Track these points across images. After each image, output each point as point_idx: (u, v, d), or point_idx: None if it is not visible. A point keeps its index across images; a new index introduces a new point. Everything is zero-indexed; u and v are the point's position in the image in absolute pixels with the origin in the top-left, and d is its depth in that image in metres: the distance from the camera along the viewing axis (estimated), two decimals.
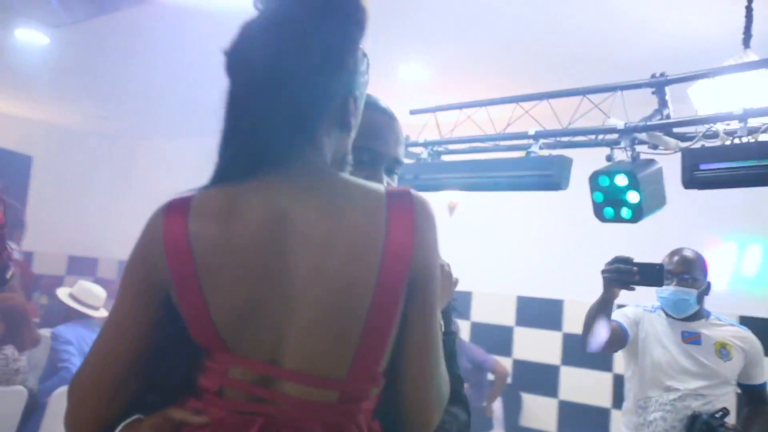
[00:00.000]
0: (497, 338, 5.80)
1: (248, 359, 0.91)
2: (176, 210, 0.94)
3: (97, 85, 5.88)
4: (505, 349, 5.75)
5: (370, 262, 0.92)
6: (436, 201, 6.03)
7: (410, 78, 5.04)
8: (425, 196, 1.00)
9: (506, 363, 5.52)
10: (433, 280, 0.97)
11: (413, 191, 0.98)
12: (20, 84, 5.95)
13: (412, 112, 3.94)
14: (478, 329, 5.98)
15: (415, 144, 3.75)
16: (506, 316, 5.83)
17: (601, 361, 5.08)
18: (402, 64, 4.87)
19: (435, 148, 3.79)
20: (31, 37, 4.84)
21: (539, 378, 5.53)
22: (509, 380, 5.39)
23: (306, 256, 0.91)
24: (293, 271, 0.91)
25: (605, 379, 5.18)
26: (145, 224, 0.96)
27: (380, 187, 0.98)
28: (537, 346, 5.59)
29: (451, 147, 3.80)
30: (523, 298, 5.74)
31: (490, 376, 5.20)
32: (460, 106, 3.72)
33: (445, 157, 3.82)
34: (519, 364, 5.68)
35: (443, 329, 1.15)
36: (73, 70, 5.49)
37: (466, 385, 5.05)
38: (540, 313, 5.59)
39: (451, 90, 5.02)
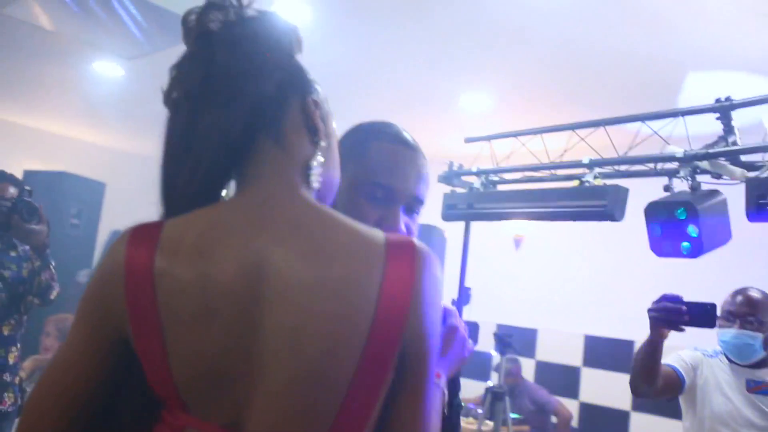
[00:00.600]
0: (563, 379, 5.53)
1: (206, 422, 0.80)
2: (143, 239, 0.83)
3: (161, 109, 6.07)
4: (571, 390, 5.47)
5: (357, 323, 0.79)
6: (501, 233, 5.92)
7: (471, 107, 4.96)
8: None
9: (572, 406, 5.24)
10: (431, 349, 0.84)
11: (418, 242, 0.86)
12: (96, 113, 6.24)
13: (468, 140, 3.84)
14: (542, 369, 5.73)
15: (468, 173, 3.65)
16: (573, 356, 5.56)
17: (676, 409, 4.73)
18: (463, 94, 4.81)
19: (489, 177, 3.67)
20: (107, 69, 5.08)
21: (607, 423, 5.21)
22: (574, 424, 5.11)
23: (283, 312, 0.78)
24: (267, 327, 0.78)
25: (680, 428, 4.83)
26: (108, 250, 0.86)
27: (378, 234, 0.85)
28: (605, 388, 5.28)
29: (507, 176, 3.67)
30: (592, 337, 5.46)
31: (554, 419, 4.95)
32: (516, 134, 3.59)
33: (501, 187, 3.69)
34: (586, 408, 5.38)
35: (447, 400, 1.05)
36: (148, 99, 5.69)
37: (526, 428, 4.85)
38: (609, 353, 5.29)
39: (513, 119, 4.90)
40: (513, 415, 4.35)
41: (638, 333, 5.23)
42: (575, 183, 3.10)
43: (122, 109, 5.86)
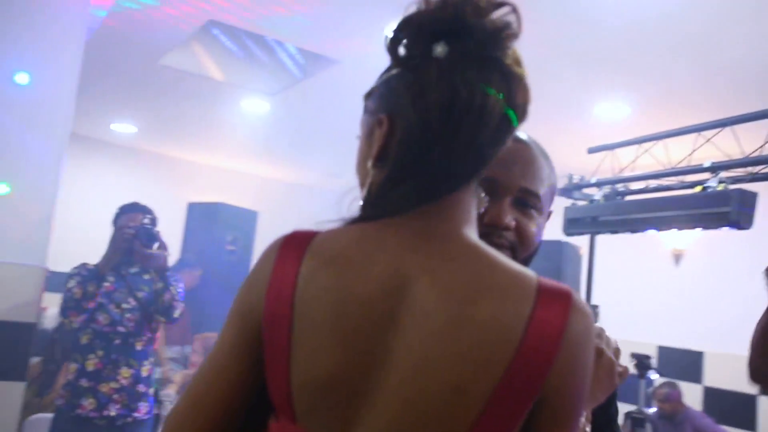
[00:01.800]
0: (734, 408, 4.98)
1: None
2: (294, 245, 0.82)
3: (325, 142, 6.40)
4: (746, 421, 4.92)
5: (492, 367, 0.74)
6: (659, 248, 5.51)
7: (608, 116, 4.70)
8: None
9: None
10: (575, 409, 0.78)
11: (575, 294, 0.79)
12: (247, 146, 6.73)
13: (591, 151, 3.65)
14: (711, 396, 5.21)
15: (589, 184, 3.46)
16: (746, 382, 4.99)
17: None
18: (599, 102, 4.58)
19: (615, 187, 3.45)
20: (254, 105, 5.49)
21: None
22: None
23: (417, 339, 0.75)
24: (396, 351, 0.75)
25: None
26: (261, 255, 0.86)
27: (532, 278, 0.78)
28: None
29: (632, 186, 3.43)
30: None
31: None
32: (639, 141, 3.36)
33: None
34: None
35: None
36: (292, 130, 6.07)
37: None
38: None
39: (650, 127, 4.57)
40: None
41: None
42: (699, 189, 2.83)
43: (270, 141, 6.27)
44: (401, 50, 0.82)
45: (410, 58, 0.81)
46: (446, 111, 0.77)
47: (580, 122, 4.85)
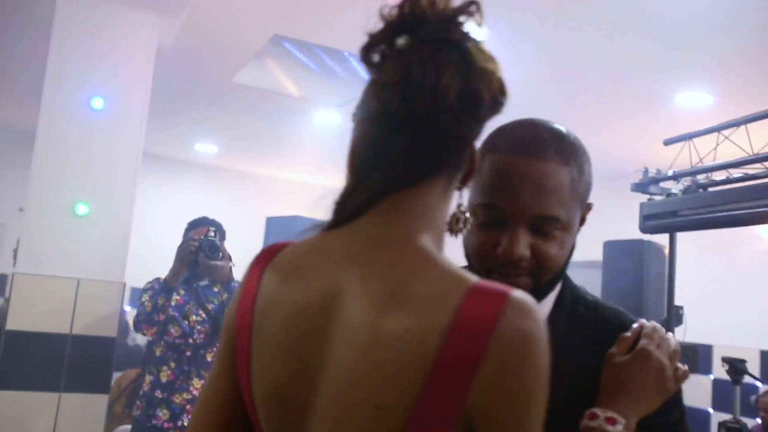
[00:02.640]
0: None
1: None
2: (262, 259, 0.83)
3: None
4: None
5: (407, 382, 0.67)
6: (757, 244, 5.14)
7: (689, 105, 4.44)
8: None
9: None
10: (521, 421, 0.68)
11: (516, 293, 0.69)
12: (321, 158, 6.79)
13: (667, 143, 3.46)
14: None
15: (665, 178, 3.27)
16: None
17: None
18: (681, 92, 4.34)
19: (695, 179, 3.25)
20: (325, 118, 5.56)
21: None
22: None
23: (342, 353, 0.72)
24: (328, 369, 0.73)
25: None
26: None
27: (465, 281, 0.71)
28: None
29: (714, 177, 3.22)
30: None
31: None
32: (718, 128, 3.15)
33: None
34: None
35: None
36: None
37: None
38: None
39: (733, 115, 4.29)
40: None
41: None
42: None
43: (343, 151, 6.32)
44: (374, 57, 0.81)
45: (378, 59, 0.80)
46: (400, 90, 0.75)
47: (657, 113, 4.62)
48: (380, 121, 0.78)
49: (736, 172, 3.03)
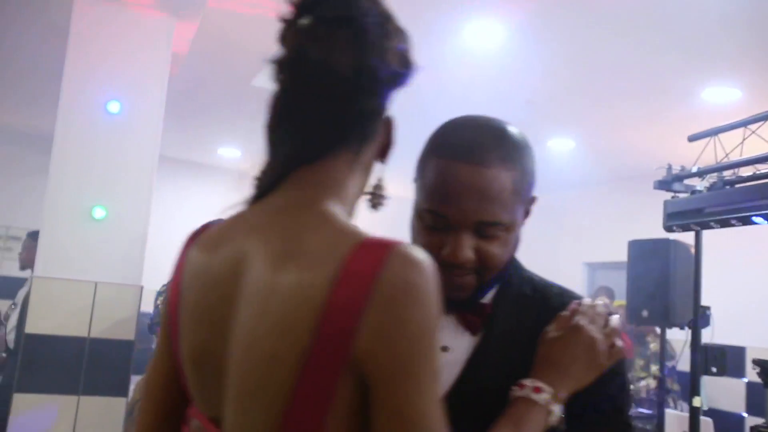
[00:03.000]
0: None
1: (201, 413, 0.83)
2: (191, 238, 0.89)
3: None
4: None
5: (299, 331, 0.72)
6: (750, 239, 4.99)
7: (716, 101, 4.33)
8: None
9: None
10: (401, 379, 0.71)
11: (401, 245, 0.72)
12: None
13: (691, 139, 3.35)
14: None
15: (690, 174, 3.17)
16: None
17: None
18: (707, 87, 4.23)
19: (721, 175, 3.14)
20: None
21: None
22: None
23: (245, 313, 0.77)
24: (235, 329, 0.77)
25: None
26: None
27: (356, 234, 0.75)
28: None
29: (741, 172, 3.11)
30: None
31: None
32: (745, 123, 3.05)
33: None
34: None
35: (562, 418, 0.91)
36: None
37: None
38: None
39: (761, 110, 4.17)
40: None
41: None
42: None
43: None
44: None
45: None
46: (294, 69, 0.80)
47: (683, 110, 4.51)
48: (281, 100, 0.82)
49: (764, 168, 2.92)
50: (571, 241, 7.13)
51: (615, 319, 0.98)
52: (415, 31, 0.86)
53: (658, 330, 4.56)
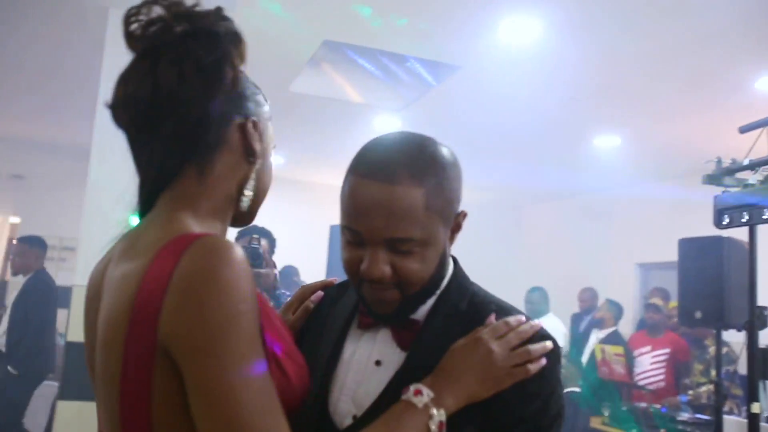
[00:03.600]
0: None
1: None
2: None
3: (462, 152, 6.23)
4: None
5: (119, 322, 0.81)
6: None
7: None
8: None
9: None
10: (203, 357, 0.76)
11: (207, 237, 0.81)
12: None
13: (742, 130, 3.18)
14: None
15: (741, 167, 3.00)
16: None
17: None
18: (761, 75, 4.03)
19: None
20: (386, 123, 5.49)
21: None
22: None
23: (100, 311, 0.88)
24: (98, 322, 0.89)
25: None
26: None
27: (177, 231, 0.84)
28: None
29: None
30: None
31: None
32: None
33: None
34: None
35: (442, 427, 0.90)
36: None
37: None
38: None
39: None
40: None
41: None
42: None
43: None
44: None
45: None
46: (112, 106, 0.91)
47: (733, 100, 4.30)
48: (127, 141, 0.93)
49: None
50: (622, 241, 6.91)
51: (540, 346, 0.96)
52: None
53: None
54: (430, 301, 1.02)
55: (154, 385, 0.79)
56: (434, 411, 0.89)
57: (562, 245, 7.64)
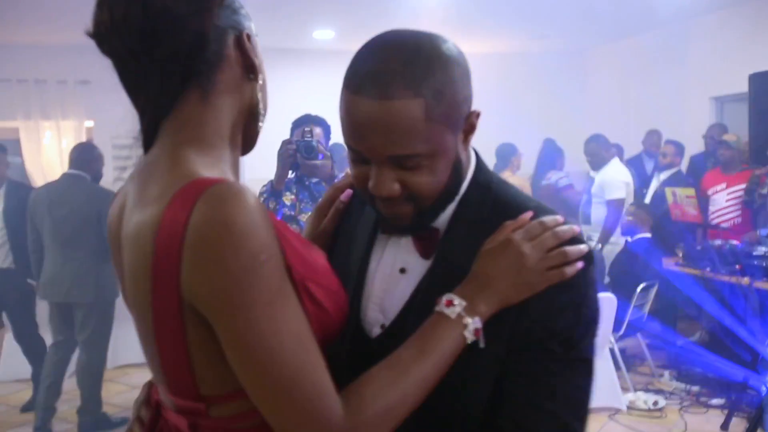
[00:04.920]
0: None
1: None
2: None
3: (531, 8, 6.01)
4: None
5: (143, 281, 0.80)
6: None
7: None
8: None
9: None
10: (229, 313, 0.76)
11: (218, 184, 0.77)
12: (440, 26, 6.49)
13: None
14: None
15: None
16: None
17: None
18: None
19: None
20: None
21: None
22: None
23: (124, 256, 0.87)
24: (124, 271, 0.89)
25: None
26: None
27: (188, 177, 0.80)
28: None
29: None
30: None
31: None
32: None
33: None
34: None
35: (478, 337, 0.88)
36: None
37: None
38: None
39: None
40: None
41: None
42: None
43: (461, 10, 6.01)
44: None
45: None
46: (97, 33, 0.87)
47: None
48: (117, 69, 0.88)
49: None
50: (696, 74, 6.56)
51: (575, 248, 0.90)
52: None
53: None
54: (451, 207, 0.97)
55: (189, 338, 0.80)
56: (468, 320, 0.87)
57: (630, 87, 7.33)
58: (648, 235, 4.70)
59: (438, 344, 0.85)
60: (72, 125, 7.39)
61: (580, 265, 0.90)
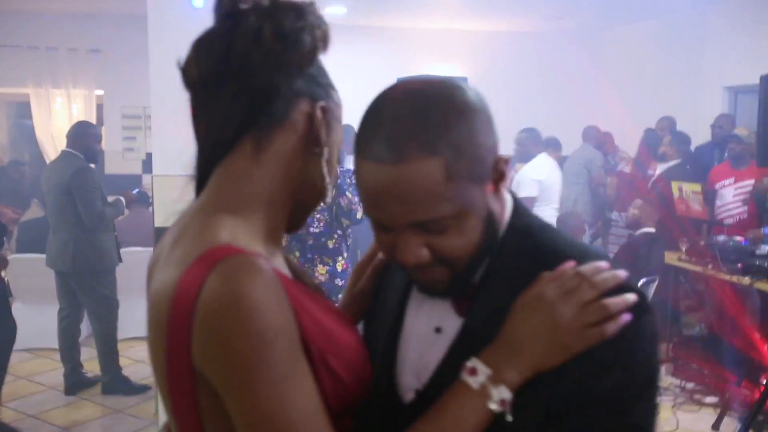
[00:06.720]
0: None
1: None
2: None
3: None
4: None
5: (158, 344, 0.80)
6: None
7: None
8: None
9: None
10: (236, 389, 0.74)
11: (231, 258, 0.75)
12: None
13: None
14: None
15: None
16: None
17: None
18: None
19: None
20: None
21: None
22: None
23: (147, 320, 0.87)
24: None
25: None
26: None
27: (207, 244, 0.77)
28: None
29: None
30: None
31: None
32: None
33: None
34: None
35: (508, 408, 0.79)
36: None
37: None
38: None
39: None
40: None
41: None
42: None
43: None
44: None
45: None
46: (184, 71, 0.87)
47: None
48: (191, 101, 0.87)
49: None
50: (710, 63, 6.47)
51: (619, 299, 0.79)
52: None
53: None
54: (484, 265, 0.88)
55: (201, 406, 0.79)
56: (493, 390, 0.79)
57: (644, 71, 7.24)
58: (652, 230, 4.69)
59: (459, 418, 0.79)
60: (82, 93, 7.41)
61: (626, 318, 0.79)
